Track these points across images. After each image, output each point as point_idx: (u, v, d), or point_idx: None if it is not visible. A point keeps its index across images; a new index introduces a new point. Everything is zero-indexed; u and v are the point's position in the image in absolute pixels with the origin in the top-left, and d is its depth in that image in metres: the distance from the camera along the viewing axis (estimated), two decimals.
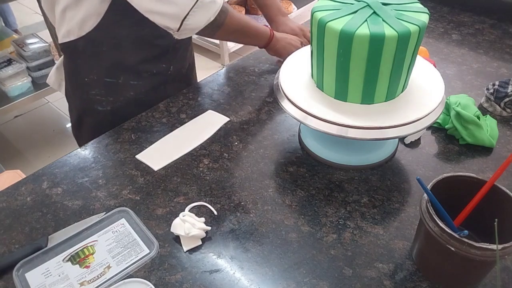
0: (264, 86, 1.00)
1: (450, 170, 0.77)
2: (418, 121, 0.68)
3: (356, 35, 0.62)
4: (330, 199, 0.72)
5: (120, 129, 0.89)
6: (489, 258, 0.51)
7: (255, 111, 0.93)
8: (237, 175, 0.77)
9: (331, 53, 0.67)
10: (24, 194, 0.75)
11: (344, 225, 0.68)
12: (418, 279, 0.60)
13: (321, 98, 0.73)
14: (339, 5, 0.69)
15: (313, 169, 0.78)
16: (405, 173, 0.77)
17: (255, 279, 0.61)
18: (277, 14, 1.12)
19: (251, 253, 0.64)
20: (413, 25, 0.63)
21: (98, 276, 0.62)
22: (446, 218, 0.55)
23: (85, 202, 0.73)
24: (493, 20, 1.24)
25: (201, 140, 0.85)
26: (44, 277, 0.62)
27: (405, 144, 0.83)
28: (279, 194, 0.73)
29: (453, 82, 0.99)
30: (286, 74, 0.78)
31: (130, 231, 0.67)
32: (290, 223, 0.69)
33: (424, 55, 0.93)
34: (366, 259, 0.63)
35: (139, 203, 0.73)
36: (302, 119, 0.70)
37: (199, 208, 0.72)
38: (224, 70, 1.07)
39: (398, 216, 0.69)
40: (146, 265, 0.63)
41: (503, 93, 0.87)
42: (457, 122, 0.80)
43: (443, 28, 1.21)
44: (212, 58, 2.82)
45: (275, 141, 0.85)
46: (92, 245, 0.66)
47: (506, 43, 1.13)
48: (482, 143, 0.79)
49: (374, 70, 0.66)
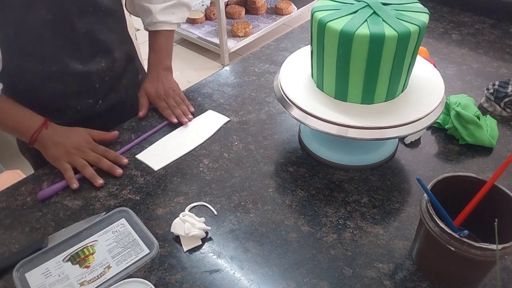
0: (264, 86, 1.00)
1: (450, 170, 0.77)
2: (418, 121, 0.68)
3: (356, 35, 0.62)
4: (330, 199, 0.72)
5: (120, 129, 0.89)
6: (489, 258, 0.51)
7: (255, 111, 0.93)
8: (237, 175, 0.77)
9: (331, 53, 0.67)
10: (24, 194, 0.75)
11: (344, 225, 0.68)
12: (418, 279, 0.60)
13: (321, 98, 0.73)
14: (339, 5, 0.69)
15: (313, 169, 0.78)
16: (405, 173, 0.77)
17: (255, 279, 0.61)
18: (154, 65, 0.95)
19: (251, 253, 0.64)
20: (413, 25, 0.63)
21: (98, 276, 0.62)
22: (446, 218, 0.55)
23: (85, 202, 0.73)
24: (493, 20, 1.24)
25: (201, 140, 0.85)
26: (44, 277, 0.62)
27: (405, 144, 0.83)
28: (279, 194, 0.73)
29: (453, 82, 0.99)
30: (286, 74, 0.78)
31: (130, 231, 0.67)
32: (290, 223, 0.69)
33: (424, 55, 0.93)
34: (366, 259, 0.63)
35: (139, 203, 0.73)
36: (302, 119, 0.70)
37: (199, 208, 0.72)
38: (224, 70, 1.07)
39: (398, 216, 0.69)
40: (146, 265, 0.63)
41: (503, 93, 0.87)
42: (457, 122, 0.80)
43: (443, 28, 1.21)
44: (212, 58, 2.82)
45: (275, 141, 0.85)
46: (92, 245, 0.66)
47: (506, 43, 1.13)
48: (482, 143, 0.79)
49: (374, 70, 0.66)
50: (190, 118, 0.89)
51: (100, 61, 0.87)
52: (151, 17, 0.93)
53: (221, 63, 2.74)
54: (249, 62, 1.09)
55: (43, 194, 0.74)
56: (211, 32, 2.84)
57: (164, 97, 0.91)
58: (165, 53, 0.97)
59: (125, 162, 0.80)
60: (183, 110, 0.90)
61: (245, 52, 2.78)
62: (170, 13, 0.94)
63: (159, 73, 0.94)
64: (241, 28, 2.75)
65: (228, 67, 1.09)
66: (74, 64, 0.83)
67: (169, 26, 0.95)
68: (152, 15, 0.92)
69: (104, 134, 0.84)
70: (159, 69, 0.95)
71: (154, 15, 0.92)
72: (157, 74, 0.94)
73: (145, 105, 0.92)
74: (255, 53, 1.13)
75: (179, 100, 0.92)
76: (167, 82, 0.94)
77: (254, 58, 1.11)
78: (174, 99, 0.92)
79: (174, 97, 0.92)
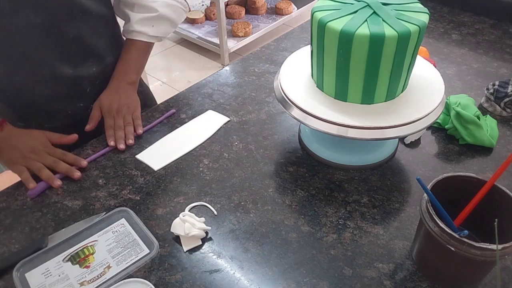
0: (264, 86, 1.00)
1: (450, 170, 0.77)
2: (418, 121, 0.68)
3: (356, 35, 0.62)
4: (330, 199, 0.72)
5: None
6: (489, 258, 0.51)
7: (255, 111, 0.93)
8: (237, 175, 0.77)
9: (331, 53, 0.67)
10: (24, 194, 0.75)
11: (344, 225, 0.68)
12: (418, 279, 0.60)
13: (321, 98, 0.73)
14: (339, 5, 0.69)
15: (313, 169, 0.78)
16: (405, 173, 0.77)
17: (255, 279, 0.61)
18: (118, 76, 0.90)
19: (251, 253, 0.64)
20: (413, 25, 0.63)
21: (98, 276, 0.62)
22: (446, 218, 0.55)
23: (85, 202, 0.73)
24: (493, 20, 1.24)
25: (201, 140, 0.85)
26: (44, 277, 0.62)
27: (405, 144, 0.83)
28: (279, 194, 0.73)
29: (453, 82, 0.99)
30: (286, 74, 0.78)
31: (130, 231, 0.67)
32: (290, 223, 0.69)
33: (424, 55, 0.93)
34: (366, 259, 0.63)
35: (139, 203, 0.73)
36: (302, 119, 0.70)
37: (199, 208, 0.72)
38: (224, 70, 1.07)
39: (398, 216, 0.69)
40: (146, 265, 0.63)
41: (503, 93, 0.87)
42: (457, 122, 0.80)
43: (443, 28, 1.21)
44: (212, 58, 2.82)
45: (275, 141, 0.85)
46: (92, 245, 0.66)
47: (506, 43, 1.13)
48: (482, 143, 0.79)
49: (374, 70, 0.66)
50: (130, 143, 0.83)
51: (91, 66, 0.86)
52: (128, 25, 0.89)
53: (221, 63, 2.75)
54: (249, 62, 1.09)
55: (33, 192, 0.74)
56: (211, 32, 2.84)
57: (115, 113, 0.86)
58: (134, 66, 0.91)
59: (84, 164, 0.78)
60: (126, 133, 0.84)
61: (245, 52, 2.78)
62: (149, 25, 0.88)
63: (120, 86, 0.89)
64: (241, 28, 2.75)
65: (228, 67, 1.09)
66: (65, 68, 0.82)
67: (146, 38, 0.89)
68: (130, 23, 0.88)
69: (63, 137, 0.82)
70: (122, 81, 0.89)
71: (131, 23, 0.88)
72: (118, 86, 0.89)
73: (95, 118, 0.87)
74: (255, 53, 1.13)
75: (129, 119, 0.86)
76: (126, 97, 0.88)
77: (254, 58, 1.11)
78: (125, 117, 0.86)
79: (125, 115, 0.86)
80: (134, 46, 0.90)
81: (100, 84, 0.90)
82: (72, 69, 0.84)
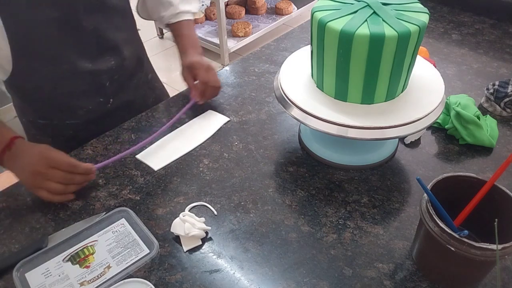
0: (264, 86, 1.00)
1: (450, 170, 0.77)
2: (418, 121, 0.68)
3: (356, 35, 0.62)
4: (330, 199, 0.72)
5: (120, 129, 0.89)
6: (489, 258, 0.51)
7: (255, 111, 0.93)
8: (237, 175, 0.77)
9: (331, 53, 0.67)
10: (24, 194, 0.75)
11: (344, 225, 0.68)
12: (418, 279, 0.60)
13: (321, 98, 0.73)
14: (339, 5, 0.69)
15: (313, 169, 0.78)
16: (405, 173, 0.77)
17: (255, 279, 0.61)
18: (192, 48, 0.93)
19: (251, 253, 0.64)
20: (413, 25, 0.63)
21: (98, 276, 0.62)
22: (446, 218, 0.55)
23: (85, 202, 0.73)
24: (493, 20, 1.24)
25: (201, 140, 0.85)
26: (44, 277, 0.62)
27: (405, 144, 0.83)
28: (279, 194, 0.73)
29: (453, 82, 0.99)
30: (286, 74, 0.78)
31: (130, 231, 0.67)
32: (290, 223, 0.69)
33: (424, 55, 0.93)
34: (366, 259, 0.63)
35: (139, 203, 0.73)
36: (302, 119, 0.70)
37: (199, 208, 0.72)
38: (224, 70, 1.07)
39: (398, 216, 0.69)
40: (146, 265, 0.63)
41: (503, 93, 0.87)
42: (457, 122, 0.80)
43: (443, 28, 1.21)
44: (212, 58, 2.82)
45: (275, 141, 0.85)
46: (92, 245, 0.66)
47: (506, 43, 1.13)
48: (482, 143, 0.79)
49: (374, 70, 0.66)
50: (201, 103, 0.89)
51: (109, 60, 0.87)
52: (172, 9, 0.95)
53: (221, 63, 2.74)
54: (249, 62, 1.09)
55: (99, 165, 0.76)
56: (211, 32, 2.84)
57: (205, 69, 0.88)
58: (196, 40, 0.97)
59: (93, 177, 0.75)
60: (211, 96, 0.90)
61: (245, 52, 2.78)
62: (188, 3, 0.97)
63: (196, 52, 0.92)
64: (241, 28, 2.75)
65: (228, 67, 1.09)
66: (83, 63, 0.83)
67: (190, 15, 0.98)
68: (173, 7, 0.94)
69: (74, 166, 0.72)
70: (196, 51, 0.93)
71: (175, 6, 0.94)
72: (195, 52, 0.92)
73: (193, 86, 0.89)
74: (255, 53, 1.13)
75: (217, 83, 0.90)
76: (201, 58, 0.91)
77: (254, 58, 1.11)
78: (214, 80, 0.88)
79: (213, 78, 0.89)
80: (184, 26, 0.97)
81: (118, 79, 0.91)
82: (91, 63, 0.84)
